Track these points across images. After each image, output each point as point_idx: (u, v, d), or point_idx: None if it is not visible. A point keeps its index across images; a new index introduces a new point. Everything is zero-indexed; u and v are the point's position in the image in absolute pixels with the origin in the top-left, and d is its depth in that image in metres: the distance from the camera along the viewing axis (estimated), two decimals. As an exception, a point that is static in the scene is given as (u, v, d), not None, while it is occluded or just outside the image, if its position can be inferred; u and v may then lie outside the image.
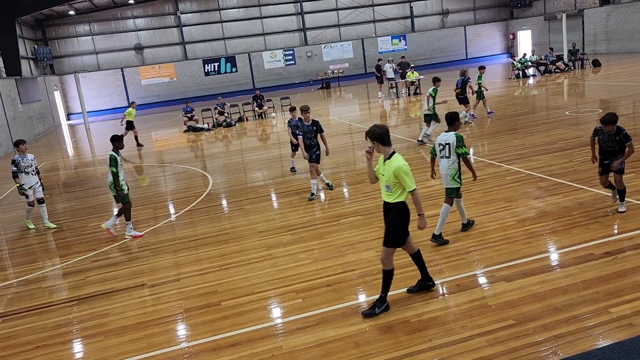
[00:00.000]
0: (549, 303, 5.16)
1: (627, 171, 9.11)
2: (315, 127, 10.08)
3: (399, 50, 39.84)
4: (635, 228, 6.70)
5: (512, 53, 41.81)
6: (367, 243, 7.36)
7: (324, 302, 5.76)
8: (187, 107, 23.18)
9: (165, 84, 37.76)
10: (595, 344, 4.39)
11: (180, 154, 17.14)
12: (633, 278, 5.43)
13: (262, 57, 39.07)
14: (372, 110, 23.24)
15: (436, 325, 5.01)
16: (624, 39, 33.63)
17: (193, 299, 6.27)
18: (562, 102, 17.54)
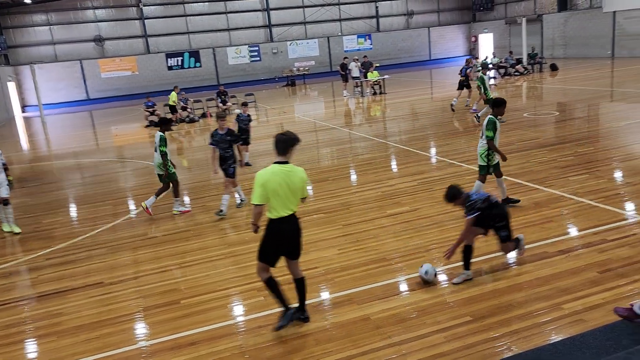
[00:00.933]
0: (505, 300, 5.29)
1: (581, 172, 9.45)
2: (229, 136, 9.02)
3: (364, 49, 40.07)
4: (586, 227, 6.94)
5: (474, 55, 42.67)
6: (329, 241, 7.38)
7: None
8: (149, 101, 22.71)
9: (126, 77, 36.88)
10: (548, 339, 4.53)
11: (141, 150, 16.77)
12: (584, 275, 5.62)
13: (227, 52, 38.65)
14: (337, 109, 23.32)
15: (396, 322, 5.07)
16: (580, 44, 34.81)
17: (152, 297, 6.15)
18: (520, 104, 18.02)
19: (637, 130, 12.67)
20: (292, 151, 4.93)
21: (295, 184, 4.89)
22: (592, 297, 5.16)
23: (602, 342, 3.95)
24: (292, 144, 4.90)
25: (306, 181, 5.04)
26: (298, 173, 4.94)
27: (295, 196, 4.94)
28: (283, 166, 4.89)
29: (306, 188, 5.07)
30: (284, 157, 4.90)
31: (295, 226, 5.06)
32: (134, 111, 28.58)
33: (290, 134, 4.95)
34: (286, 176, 4.86)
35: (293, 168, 4.94)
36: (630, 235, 6.56)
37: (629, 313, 4.21)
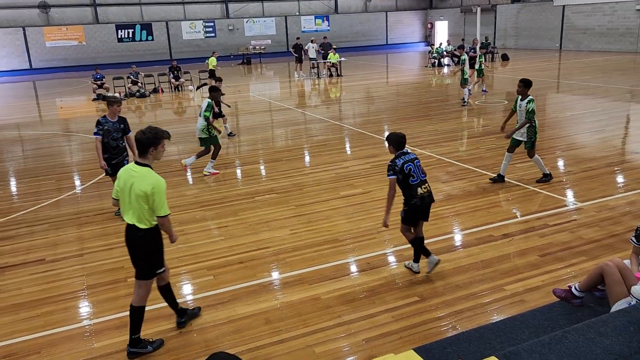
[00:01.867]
0: (451, 281, 5.45)
1: (527, 159, 9.79)
2: (122, 124, 7.78)
3: (321, 31, 39.84)
4: (530, 212, 7.22)
5: (430, 42, 43.24)
6: (281, 221, 7.37)
7: (236, 279, 5.70)
8: (97, 74, 21.82)
9: (73, 47, 35.23)
10: (490, 319, 4.70)
11: (88, 124, 16.10)
12: (526, 258, 5.86)
13: (181, 26, 37.52)
14: (293, 90, 23.16)
15: (345, 302, 5.13)
16: (531, 35, 35.85)
17: (97, 275, 5.97)
18: (472, 92, 18.39)
19: (580, 121, 13.21)
20: (155, 152, 4.28)
21: (134, 191, 4.18)
22: (532, 279, 5.39)
23: (541, 321, 4.13)
24: (150, 144, 4.21)
25: (152, 194, 4.15)
26: (145, 180, 4.17)
27: (135, 205, 4.21)
28: (135, 167, 4.27)
29: (157, 204, 4.19)
30: (142, 158, 4.28)
31: (131, 240, 4.33)
32: (81, 83, 27.42)
33: (151, 130, 4.26)
34: (134, 180, 4.20)
35: (143, 173, 4.21)
36: (570, 221, 6.87)
37: (566, 294, 4.42)
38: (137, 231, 4.28)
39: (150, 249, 4.36)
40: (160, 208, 4.21)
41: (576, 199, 7.69)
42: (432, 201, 5.48)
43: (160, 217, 4.26)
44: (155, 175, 4.26)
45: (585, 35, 32.09)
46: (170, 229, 4.42)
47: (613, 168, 9.08)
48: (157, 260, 4.45)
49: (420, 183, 5.38)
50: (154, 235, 4.36)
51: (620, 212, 7.04)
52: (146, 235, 4.29)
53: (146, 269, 4.40)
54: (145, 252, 4.36)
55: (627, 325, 3.45)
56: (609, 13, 30.51)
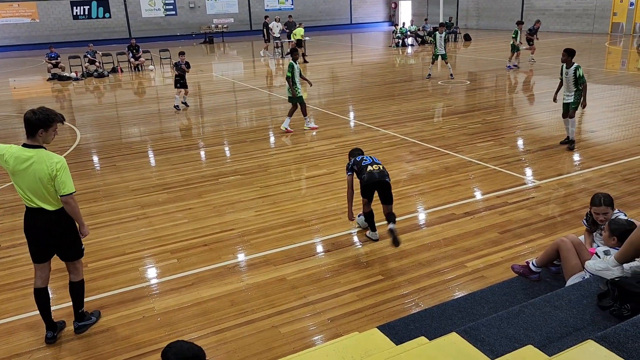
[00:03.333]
0: (414, 259, 5.55)
1: (487, 139, 9.97)
2: None
3: (285, 9, 39.30)
4: (490, 191, 7.38)
5: (394, 22, 43.25)
6: (246, 203, 7.32)
7: (200, 261, 5.66)
8: (52, 52, 21.02)
9: (25, 25, 33.72)
10: (452, 295, 4.82)
11: (43, 104, 15.47)
12: (486, 235, 6.01)
13: (140, 4, 36.31)
14: (257, 70, 22.86)
15: (311, 283, 5.16)
16: (492, 16, 36.29)
17: (55, 261, 5.76)
18: (435, 72, 18.56)
19: (538, 100, 13.52)
20: (45, 135, 4.06)
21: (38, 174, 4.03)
22: (492, 255, 5.54)
23: (500, 297, 4.26)
24: (40, 125, 4.01)
25: (57, 171, 4.03)
26: (47, 160, 4.01)
27: (41, 186, 4.05)
28: (29, 150, 4.05)
29: (62, 181, 4.05)
30: (31, 140, 4.07)
31: (51, 221, 4.16)
32: (35, 62, 26.34)
33: (43, 111, 4.05)
34: (32, 163, 4.02)
35: (40, 153, 4.03)
36: (528, 198, 7.06)
37: (524, 270, 4.56)
38: (48, 214, 4.14)
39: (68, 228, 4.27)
40: (64, 186, 4.05)
41: (534, 177, 7.90)
42: (382, 178, 5.69)
43: (64, 196, 4.09)
44: (54, 154, 4.09)
45: (544, 16, 32.66)
46: (77, 212, 4.21)
47: (570, 147, 9.36)
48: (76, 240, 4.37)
49: (372, 163, 5.81)
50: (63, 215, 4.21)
51: (577, 189, 7.29)
52: (58, 217, 4.18)
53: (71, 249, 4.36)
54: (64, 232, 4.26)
55: (581, 299, 3.60)
56: (567, -6, 31.13)
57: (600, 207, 4.30)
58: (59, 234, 4.23)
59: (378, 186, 5.74)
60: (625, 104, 12.83)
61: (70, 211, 4.16)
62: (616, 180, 7.53)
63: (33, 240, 4.27)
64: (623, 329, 2.95)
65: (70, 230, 4.29)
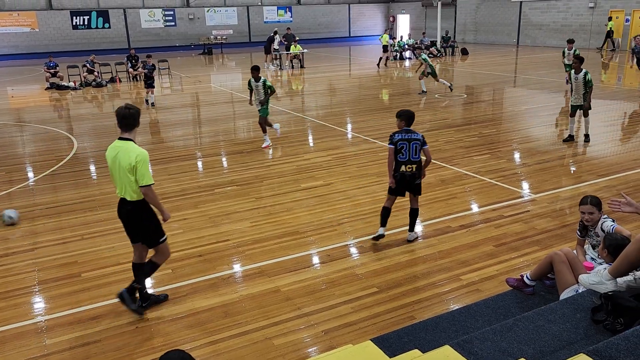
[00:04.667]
0: (409, 271, 5.54)
1: (484, 152, 10.02)
2: None
3: (284, 22, 39.56)
4: (486, 204, 7.40)
5: (392, 35, 43.57)
6: (242, 213, 7.31)
7: (195, 272, 5.64)
8: (51, 61, 21.07)
9: (25, 34, 33.82)
10: (447, 308, 4.81)
11: (41, 113, 15.58)
12: (482, 248, 6.01)
13: (140, 14, 36.52)
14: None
15: (306, 294, 5.15)
16: (489, 31, 36.61)
17: (50, 270, 5.79)
18: (432, 85, 18.66)
19: (535, 114, 13.59)
20: (137, 127, 4.53)
21: (122, 164, 4.43)
22: (487, 268, 5.54)
23: (494, 310, 4.25)
24: (137, 119, 4.48)
25: (136, 163, 4.40)
26: (129, 152, 4.41)
27: (125, 177, 4.44)
28: (118, 142, 4.51)
29: (141, 173, 4.42)
30: (125, 132, 4.50)
31: (130, 211, 4.58)
32: (34, 71, 26.41)
33: (134, 107, 4.52)
34: (117, 153, 4.46)
35: (127, 145, 4.45)
36: (524, 212, 7.08)
37: (519, 283, 4.56)
38: (132, 204, 4.55)
39: (147, 218, 4.66)
40: (142, 178, 4.43)
41: (530, 191, 7.92)
42: (413, 180, 6.03)
43: (143, 187, 4.47)
44: (138, 147, 4.50)
45: (541, 31, 32.99)
46: (158, 202, 4.64)
47: (565, 160, 9.40)
48: (156, 229, 4.75)
49: (407, 162, 5.96)
50: (144, 206, 4.60)
51: (572, 203, 7.30)
52: (136, 207, 4.56)
53: (150, 237, 4.75)
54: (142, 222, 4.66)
55: (574, 313, 3.60)
56: (563, 10, 31.44)
57: (586, 205, 4.46)
58: (137, 224, 4.67)
59: (407, 187, 6.10)
60: (621, 119, 12.91)
61: (150, 201, 4.61)
62: (612, 195, 7.54)
63: (123, 224, 4.75)
64: (615, 343, 2.94)
65: (147, 221, 4.67)
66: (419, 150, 5.99)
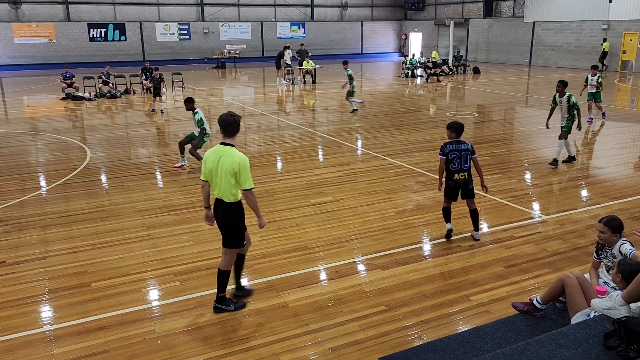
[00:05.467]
0: (418, 290, 5.50)
1: (495, 171, 9.98)
2: None
3: (297, 38, 39.94)
4: (496, 224, 7.35)
5: (404, 53, 43.82)
6: (250, 227, 7.24)
7: (203, 285, 5.64)
8: (67, 72, 21.38)
9: (42, 45, 34.43)
10: (456, 329, 4.76)
11: (56, 123, 15.78)
12: (492, 269, 5.96)
13: (155, 28, 37.08)
14: (267, 95, 23.12)
15: (313, 311, 5.12)
16: (501, 50, 36.69)
17: (60, 279, 5.82)
18: (444, 103, 18.73)
19: (546, 135, 13.52)
20: (234, 133, 4.91)
21: (225, 168, 4.75)
22: (497, 290, 5.48)
23: (504, 332, 4.20)
24: (239, 126, 4.95)
25: (239, 169, 4.72)
26: (232, 157, 4.75)
27: (227, 180, 4.75)
28: (221, 147, 4.86)
29: (244, 178, 4.75)
30: (227, 138, 4.88)
31: (224, 211, 4.88)
32: (50, 81, 26.82)
33: (235, 114, 4.94)
34: (221, 157, 4.80)
35: (230, 151, 4.80)
36: (535, 233, 7.02)
37: (528, 307, 4.50)
38: (223, 204, 4.85)
39: (235, 222, 4.93)
40: (245, 182, 4.75)
41: (541, 212, 7.86)
42: (467, 186, 6.59)
43: (245, 191, 4.78)
44: (239, 153, 4.81)
45: (553, 51, 33.00)
46: (257, 207, 4.92)
47: (577, 182, 9.34)
48: (238, 233, 4.98)
49: (459, 170, 6.52)
50: (237, 210, 4.91)
51: (584, 226, 7.23)
52: (230, 208, 4.85)
53: (230, 239, 4.96)
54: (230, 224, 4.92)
55: (587, 338, 3.55)
56: (576, 31, 31.46)
57: (599, 224, 4.50)
58: (226, 223, 4.92)
59: (462, 193, 6.63)
60: (635, 142, 12.82)
61: (250, 204, 4.88)
62: (625, 218, 7.46)
63: (217, 224, 5.02)
64: (629, 370, 2.89)
65: (235, 223, 4.93)
66: (469, 159, 6.55)
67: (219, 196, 4.87)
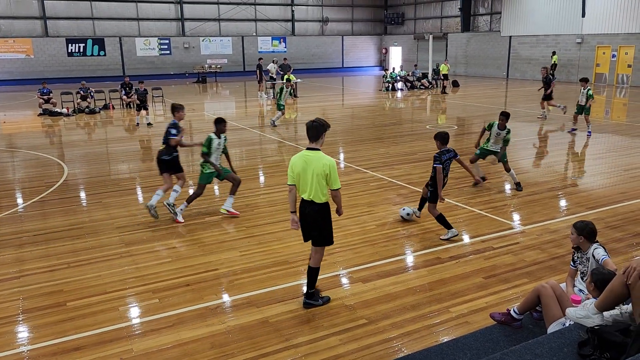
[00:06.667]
0: (399, 303, 5.51)
1: (471, 184, 10.07)
2: None
3: (278, 52, 40.14)
4: (476, 235, 7.42)
5: (384, 67, 44.28)
6: (231, 242, 7.28)
7: (182, 302, 5.57)
8: (44, 88, 21.14)
9: (20, 60, 34.04)
10: (436, 341, 4.77)
11: (33, 139, 15.56)
12: (472, 280, 6.00)
13: (135, 43, 36.95)
14: (249, 109, 23.13)
15: (294, 325, 5.10)
16: (479, 64, 37.30)
17: (35, 299, 5.70)
18: (424, 116, 18.94)
19: (524, 147, 13.76)
20: (323, 138, 5.24)
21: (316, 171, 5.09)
22: (477, 300, 5.52)
23: (482, 343, 4.22)
24: (323, 131, 5.21)
25: (329, 170, 5.11)
26: (321, 160, 5.10)
27: (318, 182, 5.10)
28: (307, 152, 5.18)
29: (333, 179, 5.13)
30: (315, 143, 5.18)
31: (316, 212, 5.20)
32: (27, 97, 26.48)
33: (321, 120, 5.23)
34: (309, 161, 5.12)
35: (318, 154, 5.13)
36: (514, 243, 7.10)
37: (506, 318, 4.53)
38: (314, 205, 5.16)
39: (327, 220, 5.29)
40: (335, 182, 5.14)
41: (520, 222, 7.96)
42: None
43: (334, 190, 5.18)
44: (327, 156, 5.17)
45: (530, 65, 33.64)
46: (340, 201, 5.39)
47: (555, 192, 9.48)
48: (330, 231, 5.34)
49: (446, 175, 7.21)
50: (327, 209, 5.27)
51: (562, 235, 7.34)
52: (321, 208, 5.19)
53: (323, 237, 5.31)
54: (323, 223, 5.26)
55: (562, 347, 3.58)
56: (552, 45, 32.16)
57: (572, 227, 4.67)
58: (318, 223, 5.24)
59: None
60: (609, 152, 13.09)
61: (336, 201, 5.34)
62: (601, 227, 7.58)
63: (302, 223, 5.34)
64: (604, 378, 2.93)
65: (326, 222, 5.29)
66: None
67: (309, 198, 5.17)
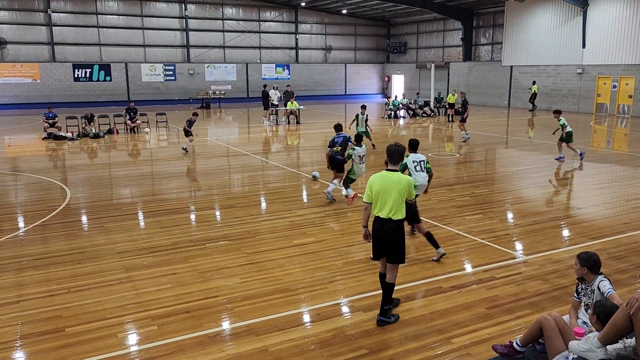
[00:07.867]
0: (400, 332, 5.45)
1: (476, 212, 10.07)
2: None
3: (282, 79, 40.57)
4: (479, 264, 7.37)
5: (387, 94, 44.67)
6: (232, 269, 7.24)
7: (181, 329, 5.52)
8: (50, 112, 21.35)
9: (26, 85, 34.46)
10: (438, 372, 4.70)
11: (37, 163, 15.65)
12: (474, 310, 5.94)
13: (141, 68, 37.43)
14: (252, 135, 23.27)
15: (294, 355, 5.03)
16: (481, 92, 37.61)
17: (33, 324, 5.65)
18: (426, 144, 18.96)
19: (526, 175, 13.77)
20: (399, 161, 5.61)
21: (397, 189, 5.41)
22: (479, 331, 5.45)
23: (486, 375, 4.16)
24: (402, 156, 5.66)
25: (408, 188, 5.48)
26: (402, 179, 5.49)
27: (399, 200, 5.39)
28: (387, 172, 5.55)
29: (410, 192, 5.51)
30: (394, 165, 5.58)
31: (393, 229, 5.41)
32: (33, 121, 26.71)
33: (401, 146, 5.62)
34: (389, 181, 5.47)
35: (398, 175, 5.53)
36: (516, 273, 7.04)
37: (508, 350, 4.48)
38: (391, 223, 5.40)
39: (402, 238, 5.53)
40: (412, 194, 5.66)
41: (523, 252, 7.92)
42: None
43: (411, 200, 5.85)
44: (405, 175, 5.71)
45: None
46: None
47: (557, 222, 9.45)
48: (404, 249, 5.57)
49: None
50: (402, 227, 5.52)
51: (565, 265, 7.28)
52: (398, 226, 5.43)
53: (398, 255, 5.52)
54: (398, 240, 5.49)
55: (567, 380, 3.53)
56: (552, 75, 32.47)
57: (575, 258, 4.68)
58: (395, 240, 5.46)
59: None
60: (611, 182, 13.09)
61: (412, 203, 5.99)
62: (605, 258, 7.52)
63: (375, 241, 5.55)
64: (609, 414, 2.88)
65: (402, 239, 5.52)
66: None
67: (387, 216, 5.41)
